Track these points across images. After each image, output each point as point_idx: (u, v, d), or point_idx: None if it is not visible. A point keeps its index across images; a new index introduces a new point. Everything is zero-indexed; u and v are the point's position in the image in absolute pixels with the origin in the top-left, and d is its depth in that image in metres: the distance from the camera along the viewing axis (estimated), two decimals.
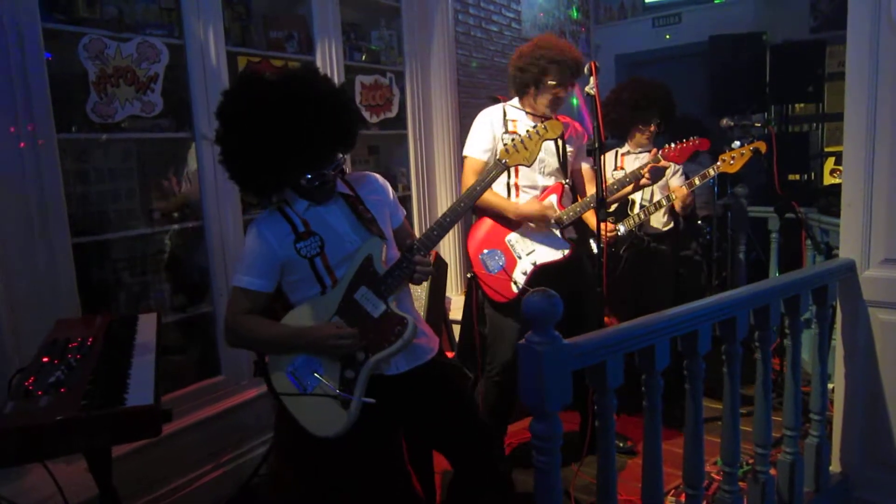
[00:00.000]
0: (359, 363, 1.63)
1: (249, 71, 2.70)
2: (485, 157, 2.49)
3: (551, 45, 2.45)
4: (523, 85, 2.48)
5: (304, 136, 1.55)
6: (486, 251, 2.50)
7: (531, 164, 1.94)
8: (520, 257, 2.48)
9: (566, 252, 2.46)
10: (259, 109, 1.54)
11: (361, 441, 1.65)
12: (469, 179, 2.46)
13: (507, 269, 2.46)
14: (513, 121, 2.51)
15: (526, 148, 1.86)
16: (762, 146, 2.85)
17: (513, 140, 1.87)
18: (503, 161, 1.87)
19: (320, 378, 1.64)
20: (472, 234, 2.58)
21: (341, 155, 1.69)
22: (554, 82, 2.39)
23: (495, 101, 2.67)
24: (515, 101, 2.58)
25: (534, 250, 2.47)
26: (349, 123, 1.65)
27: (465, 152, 2.55)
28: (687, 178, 3.14)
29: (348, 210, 1.74)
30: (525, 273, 2.45)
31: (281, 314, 1.72)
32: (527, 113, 2.53)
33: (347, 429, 1.60)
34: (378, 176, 1.88)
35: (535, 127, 1.88)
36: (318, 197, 1.70)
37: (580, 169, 2.64)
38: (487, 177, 1.88)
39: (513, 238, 2.50)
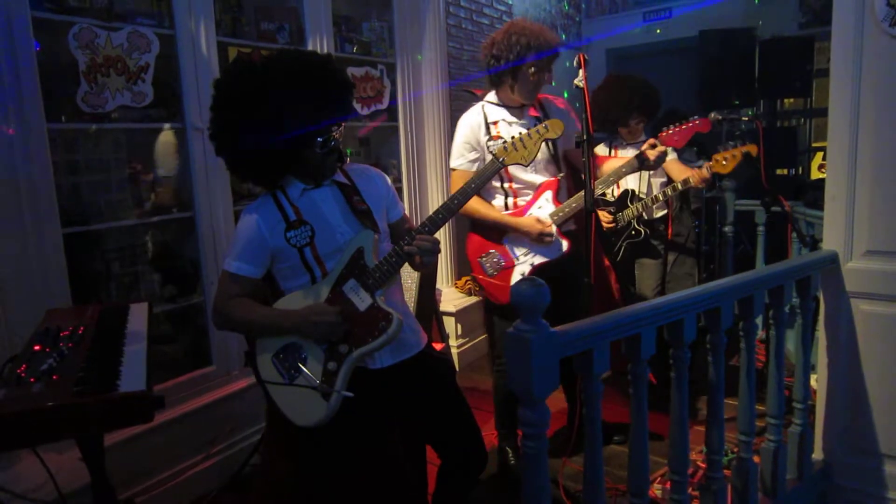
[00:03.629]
0: (342, 355, 1.64)
1: (239, 58, 2.70)
2: (473, 167, 2.39)
3: (525, 28, 2.31)
4: (499, 76, 2.37)
5: (310, 97, 1.59)
6: (484, 254, 2.46)
7: (528, 164, 1.89)
8: (517, 258, 2.43)
9: (564, 249, 2.41)
10: (264, 81, 1.58)
11: (349, 433, 1.67)
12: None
13: (506, 272, 2.42)
14: (494, 123, 2.41)
15: (525, 147, 1.83)
16: (753, 149, 2.85)
17: (512, 138, 1.83)
18: (500, 159, 1.84)
19: (303, 367, 1.65)
20: (470, 237, 2.51)
21: (341, 125, 1.71)
22: (532, 69, 2.30)
23: (471, 95, 2.58)
24: (492, 95, 2.47)
25: (531, 252, 2.43)
26: (346, 83, 1.70)
27: (452, 164, 2.44)
28: (683, 162, 3.16)
29: (342, 199, 1.74)
30: (523, 275, 2.40)
31: (271, 301, 1.73)
32: (507, 108, 2.44)
33: (327, 420, 1.61)
34: (377, 170, 1.90)
35: (535, 126, 1.84)
36: (322, 170, 1.71)
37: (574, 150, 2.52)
38: (483, 174, 1.85)
39: (510, 239, 2.45)
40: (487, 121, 2.41)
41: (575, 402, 2.65)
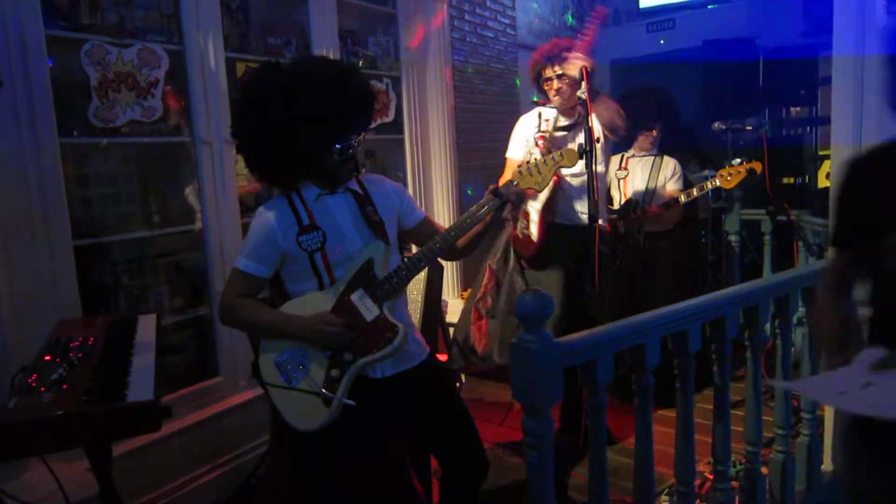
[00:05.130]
0: (346, 363, 1.65)
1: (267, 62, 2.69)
2: (520, 156, 2.74)
3: (540, 48, 2.72)
4: (538, 89, 2.77)
5: (331, 103, 1.63)
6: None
7: (541, 190, 2.02)
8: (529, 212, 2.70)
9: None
10: (287, 84, 1.62)
11: (351, 440, 1.67)
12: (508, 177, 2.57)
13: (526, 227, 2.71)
14: (546, 120, 2.73)
15: (540, 173, 1.85)
16: (758, 167, 2.93)
17: (527, 163, 1.87)
18: (514, 182, 1.87)
19: (306, 372, 1.66)
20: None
21: (361, 134, 1.75)
22: (544, 76, 2.67)
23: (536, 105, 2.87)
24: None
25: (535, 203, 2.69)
26: (368, 94, 1.74)
27: (507, 154, 2.84)
28: (685, 183, 3.23)
29: (356, 208, 1.76)
30: (535, 221, 2.67)
31: (278, 302, 1.75)
32: (558, 109, 2.73)
33: (326, 426, 1.62)
34: (392, 181, 1.92)
35: (551, 153, 1.88)
36: (337, 177, 1.74)
37: None
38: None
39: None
40: (541, 118, 2.76)
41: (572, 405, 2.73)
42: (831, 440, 2.32)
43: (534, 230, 2.67)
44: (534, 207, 2.68)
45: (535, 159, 1.87)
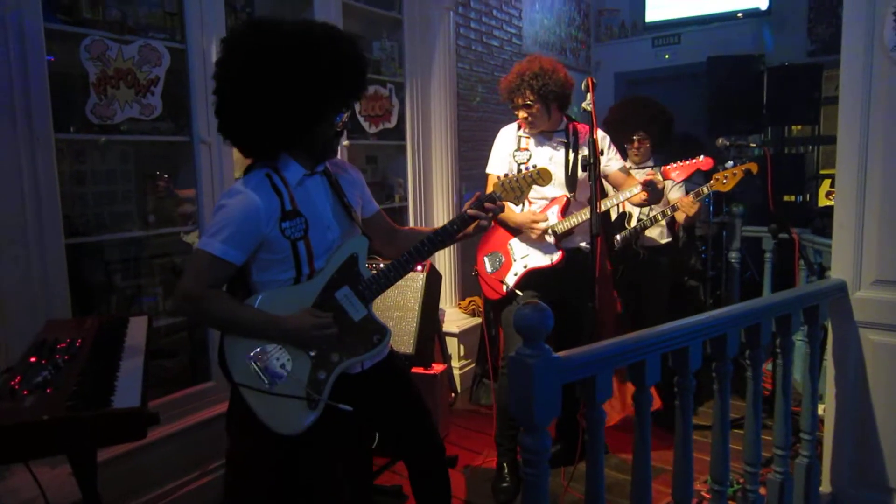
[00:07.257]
0: (333, 364, 1.59)
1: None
2: (501, 172, 2.64)
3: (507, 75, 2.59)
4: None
5: (348, 71, 1.55)
6: (490, 253, 2.70)
7: (518, 205, 2.00)
8: (515, 260, 2.62)
9: (555, 259, 2.56)
10: (315, 45, 1.50)
11: (332, 438, 1.63)
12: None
13: (503, 270, 2.63)
14: (526, 138, 2.64)
15: (520, 188, 1.83)
16: (754, 167, 2.91)
17: (506, 176, 1.85)
18: (498, 195, 1.86)
19: (288, 373, 1.57)
20: (483, 238, 2.73)
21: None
22: (512, 105, 2.58)
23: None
24: None
25: (527, 255, 2.61)
26: (367, 65, 1.67)
27: (487, 170, 2.73)
28: (687, 192, 3.21)
29: (330, 191, 1.69)
30: (516, 274, 2.60)
31: (239, 292, 1.62)
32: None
33: (307, 428, 1.56)
34: (352, 166, 1.86)
35: (529, 170, 1.86)
36: (328, 151, 1.66)
37: (609, 174, 2.69)
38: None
39: (513, 242, 2.65)
40: (519, 135, 2.66)
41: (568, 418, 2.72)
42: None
43: (510, 281, 2.59)
44: (521, 262, 2.60)
45: (514, 175, 1.85)
